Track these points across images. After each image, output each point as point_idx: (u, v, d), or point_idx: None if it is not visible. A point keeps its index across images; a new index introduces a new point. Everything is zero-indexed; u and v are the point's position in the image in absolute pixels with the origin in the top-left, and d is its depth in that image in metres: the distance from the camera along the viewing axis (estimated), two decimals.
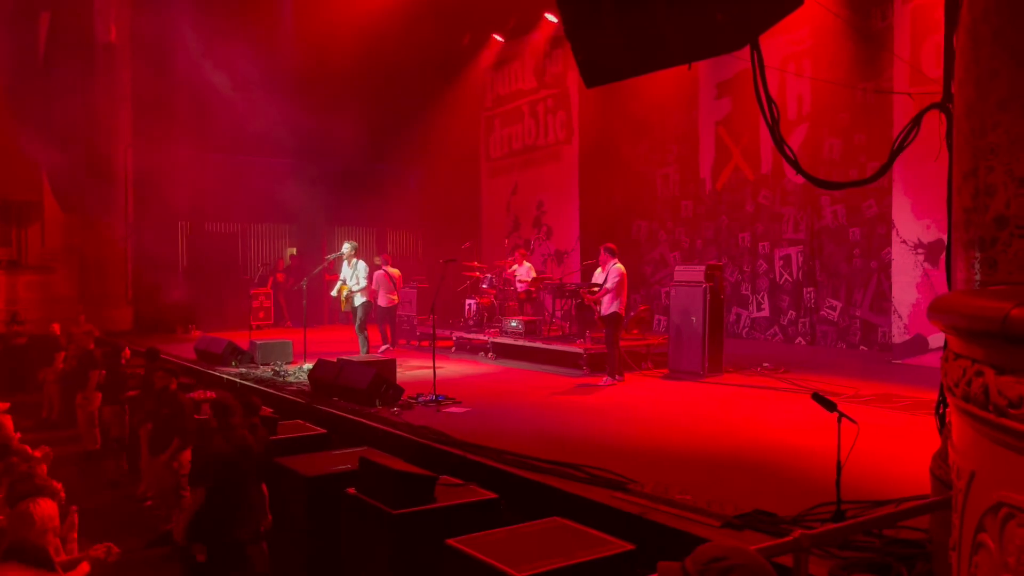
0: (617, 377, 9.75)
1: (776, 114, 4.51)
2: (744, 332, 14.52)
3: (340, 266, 12.03)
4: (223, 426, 5.44)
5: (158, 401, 7.61)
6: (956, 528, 1.79)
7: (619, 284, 9.72)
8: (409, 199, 20.30)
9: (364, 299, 11.64)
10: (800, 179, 13.00)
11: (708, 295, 10.05)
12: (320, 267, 13.34)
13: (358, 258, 11.85)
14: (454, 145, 19.71)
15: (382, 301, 12.80)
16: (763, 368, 10.51)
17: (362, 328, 11.58)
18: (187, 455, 7.44)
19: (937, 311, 1.87)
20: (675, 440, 6.71)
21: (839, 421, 4.32)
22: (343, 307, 12.00)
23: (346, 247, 11.72)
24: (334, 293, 11.98)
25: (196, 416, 8.19)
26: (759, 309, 14.32)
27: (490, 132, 20.35)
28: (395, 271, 13.22)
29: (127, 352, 10.44)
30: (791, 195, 13.74)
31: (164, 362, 9.20)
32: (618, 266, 9.85)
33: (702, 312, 10.05)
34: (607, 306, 9.80)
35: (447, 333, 13.48)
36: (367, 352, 11.36)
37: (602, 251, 10.17)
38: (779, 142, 4.54)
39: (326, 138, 17.80)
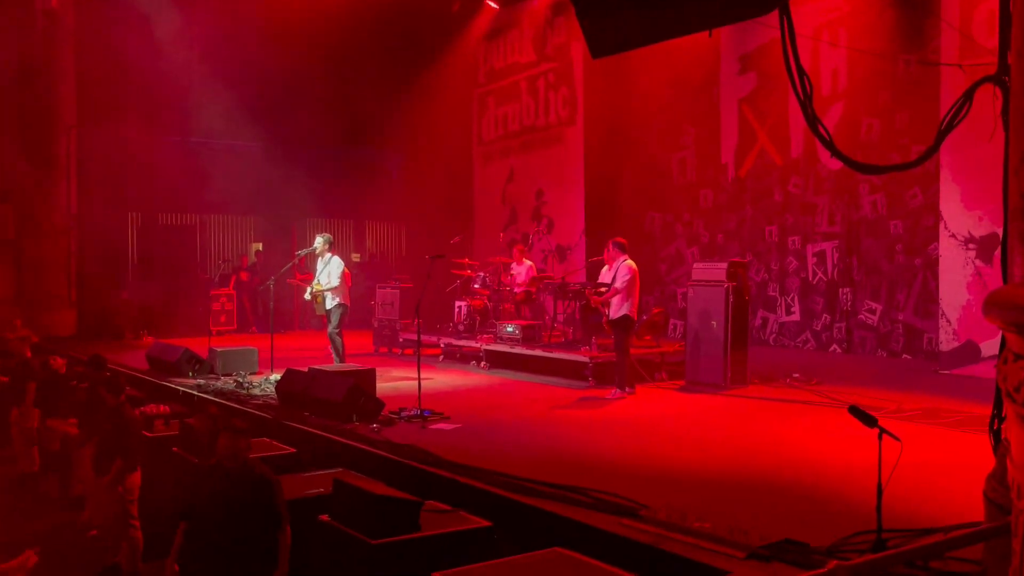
0: (627, 389, 9.75)
1: (808, 89, 4.50)
2: (771, 339, 14.52)
3: (314, 264, 12.03)
4: (229, 452, 5.26)
5: (103, 416, 7.57)
6: (1017, 555, 1.78)
7: (630, 284, 9.71)
8: (391, 188, 20.29)
9: (338, 300, 11.59)
10: (835, 164, 13.05)
11: (730, 296, 10.05)
12: (289, 265, 13.29)
13: (332, 253, 11.81)
14: (442, 127, 19.70)
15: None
16: (793, 379, 10.51)
17: (337, 333, 11.55)
18: (135, 479, 7.41)
19: (994, 306, 1.86)
20: (693, 460, 6.70)
21: (880, 438, 4.30)
22: (317, 310, 11.99)
23: (318, 241, 11.70)
24: (307, 295, 11.93)
25: (146, 433, 8.17)
26: (788, 312, 14.32)
27: (483, 112, 20.35)
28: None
29: (57, 361, 10.38)
30: (825, 182, 13.75)
31: (110, 373, 9.16)
32: (628, 263, 9.84)
33: (724, 316, 10.04)
34: (616, 309, 9.79)
35: (434, 339, 13.46)
36: (343, 361, 11.33)
37: (610, 246, 10.16)
38: (812, 121, 4.53)
39: (296, 119, 17.79)
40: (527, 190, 19.04)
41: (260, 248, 19.94)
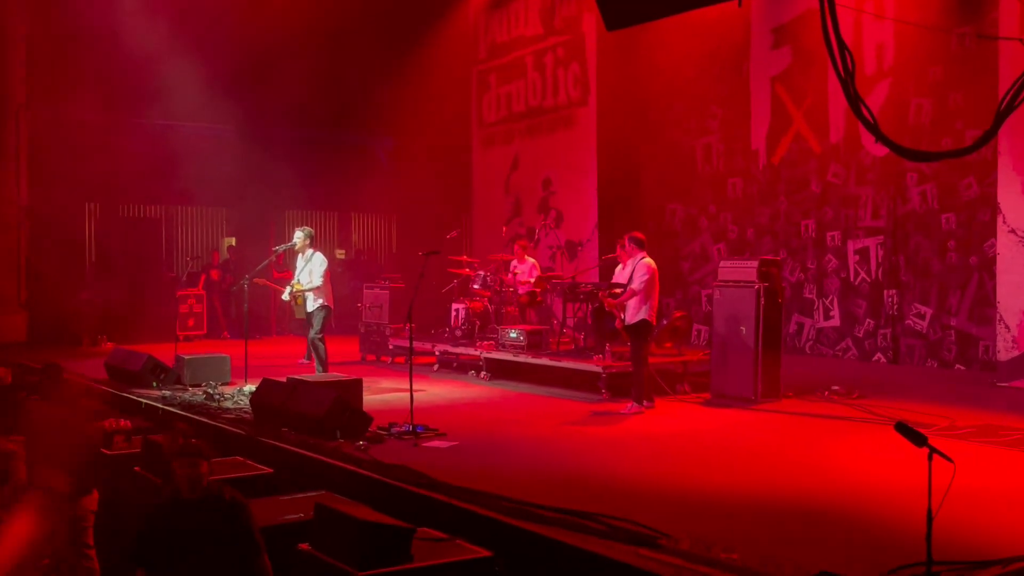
0: (645, 403, 9.74)
1: (850, 66, 4.50)
2: (808, 346, 14.51)
3: (293, 261, 12.08)
4: (187, 481, 5.14)
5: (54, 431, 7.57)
6: None
7: (648, 284, 9.71)
8: (380, 176, 20.29)
9: (321, 301, 11.60)
10: (880, 150, 13.04)
11: (762, 299, 10.04)
12: (266, 262, 13.30)
13: (314, 249, 11.82)
14: (438, 108, 19.71)
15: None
16: (832, 392, 10.49)
17: (320, 339, 11.56)
18: (91, 501, 7.40)
19: None
20: (719, 483, 6.69)
21: (930, 459, 4.30)
22: (296, 312, 12.01)
23: (298, 236, 11.71)
24: (286, 296, 11.94)
25: (105, 451, 8.18)
26: (827, 317, 14.31)
27: (484, 91, 20.35)
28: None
29: (1, 370, 10.39)
30: (868, 171, 13.73)
31: (66, 383, 9.17)
32: (647, 261, 9.84)
33: (754, 320, 10.03)
34: (633, 312, 9.79)
35: (428, 346, 13.46)
36: (326, 370, 11.34)
37: (626, 242, 10.16)
38: (854, 101, 4.53)
39: (275, 99, 17.78)
40: (533, 179, 19.04)
41: (233, 243, 19.96)
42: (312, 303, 11.60)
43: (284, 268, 19.40)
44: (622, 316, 9.98)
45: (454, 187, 20.45)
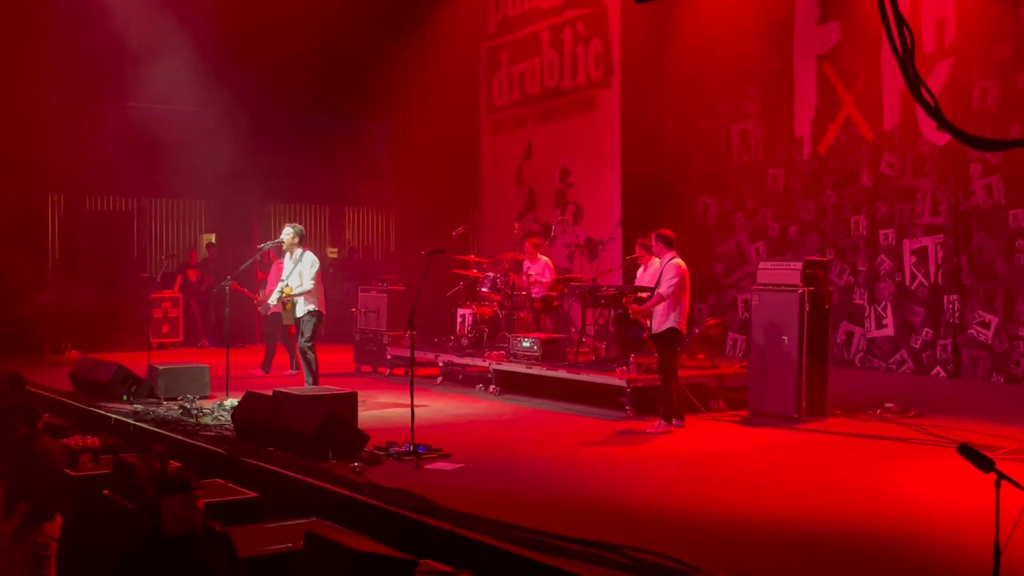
0: (675, 421, 9.73)
1: (909, 43, 4.48)
2: (858, 359, 14.46)
3: (282, 260, 12.10)
4: (180, 521, 5.07)
5: (14, 449, 7.59)
6: None
7: (678, 288, 9.69)
8: (377, 166, 20.33)
9: (312, 306, 11.59)
10: (941, 137, 12.99)
11: (806, 305, 10.00)
12: (250, 261, 13.32)
13: (304, 248, 11.82)
14: (441, 89, 19.68)
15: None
16: (885, 410, 10.44)
17: (310, 347, 11.54)
18: (53, 528, 7.42)
19: None
20: (757, 511, 6.67)
21: (997, 485, 4.27)
22: (284, 319, 12.00)
23: (287, 233, 11.71)
24: (273, 300, 11.92)
25: (69, 472, 8.19)
26: (880, 326, 14.25)
27: (494, 70, 20.35)
28: None
29: None
30: (927, 161, 13.68)
31: (26, 395, 9.21)
32: (676, 262, 9.82)
33: (797, 329, 10.00)
34: (661, 320, 9.77)
35: (431, 357, 13.46)
36: (316, 382, 11.35)
37: (653, 240, 10.14)
38: (912, 83, 4.51)
39: (260, 80, 17.81)
40: (549, 169, 19.03)
41: (213, 240, 20.00)
42: (301, 308, 11.58)
43: (268, 269, 19.47)
44: (648, 324, 9.96)
45: (460, 178, 20.45)
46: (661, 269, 9.91)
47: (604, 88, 17.70)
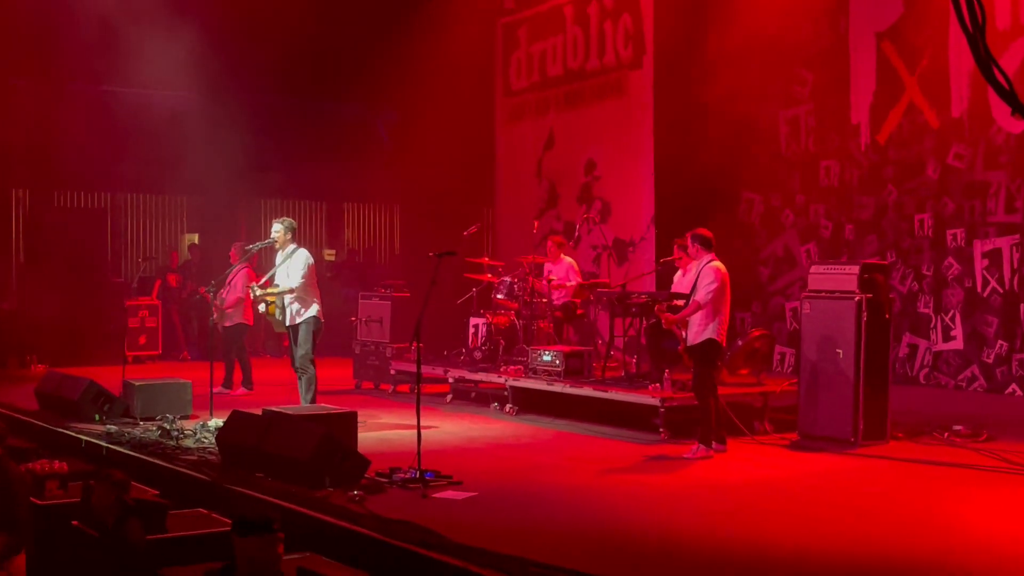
0: (715, 445, 9.71)
1: (980, 18, 4.48)
2: (922, 375, 14.40)
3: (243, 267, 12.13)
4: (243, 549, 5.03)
5: None
6: None
7: (717, 294, 9.68)
8: (380, 158, 20.39)
9: (311, 313, 11.48)
10: (1016, 125, 12.92)
11: (864, 314, 9.96)
12: (238, 265, 13.38)
13: (296, 244, 11.79)
14: (452, 71, 19.74)
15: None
16: (954, 433, 10.40)
17: (310, 361, 11.49)
18: (17, 566, 7.47)
19: None
20: (808, 547, 6.65)
21: None
22: (275, 326, 11.91)
23: (276, 229, 11.68)
24: (262, 308, 11.84)
25: (35, 500, 8.24)
26: (947, 338, 14.20)
27: (511, 50, 20.38)
28: None
29: None
30: (1001, 152, 13.64)
31: None
32: (715, 265, 9.82)
33: (853, 342, 9.96)
34: (698, 330, 9.76)
35: (439, 372, 13.47)
36: (312, 400, 11.35)
37: (689, 241, 10.14)
38: (985, 63, 4.50)
39: (250, 62, 17.88)
40: (573, 160, 19.04)
41: (196, 241, 20.11)
42: (297, 314, 11.46)
43: (258, 273, 19.52)
44: (684, 335, 9.95)
45: (473, 171, 20.50)
46: (698, 273, 9.90)
47: (635, 69, 17.70)
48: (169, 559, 6.54)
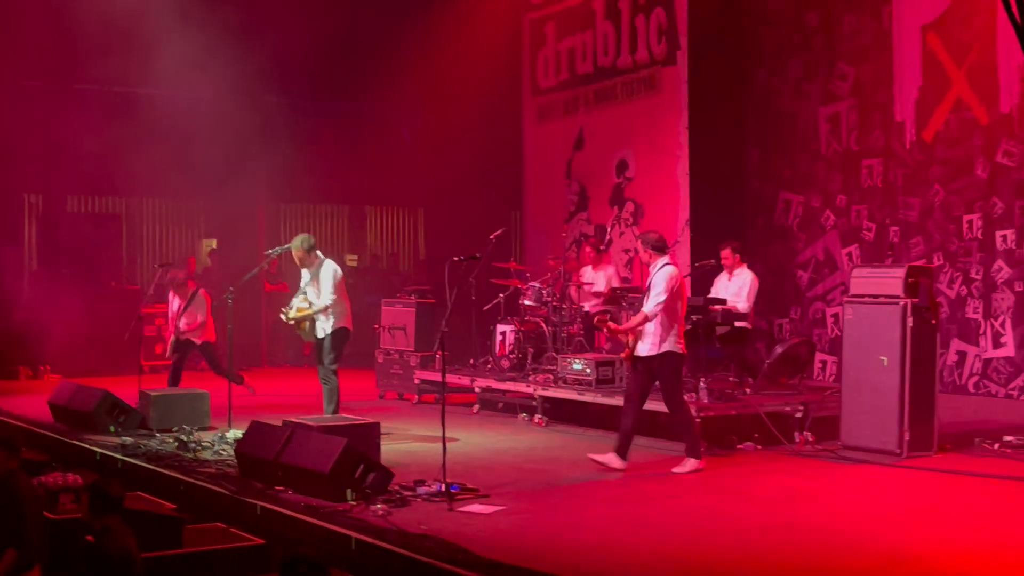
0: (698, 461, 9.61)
1: None
2: (971, 383, 14.29)
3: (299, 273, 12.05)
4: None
5: None
6: None
7: (669, 304, 9.50)
8: (403, 160, 20.42)
9: (337, 324, 11.48)
10: None
11: (909, 319, 9.94)
12: (256, 270, 13.43)
13: (321, 257, 11.82)
14: (478, 70, 19.76)
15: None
16: (1005, 444, 10.36)
17: (333, 372, 11.51)
18: None
19: None
20: (848, 565, 6.62)
21: None
22: (304, 336, 11.92)
23: (293, 245, 11.61)
24: (291, 315, 11.81)
25: (48, 515, 8.29)
26: (998, 344, 14.08)
27: (538, 46, 20.37)
28: None
29: None
30: None
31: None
32: (667, 272, 9.61)
33: (899, 348, 9.93)
34: (656, 341, 9.52)
35: (465, 381, 13.49)
36: (335, 411, 11.37)
37: (639, 244, 10.05)
38: None
39: (268, 60, 17.93)
40: (604, 161, 19.01)
41: (214, 246, 20.19)
42: (324, 326, 11.49)
43: (278, 279, 19.62)
44: (629, 341, 9.73)
45: (499, 173, 20.49)
46: (651, 279, 9.73)
47: (669, 66, 17.66)
48: (186, 575, 6.57)
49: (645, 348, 9.61)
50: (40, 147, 17.50)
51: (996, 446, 10.32)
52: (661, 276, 9.58)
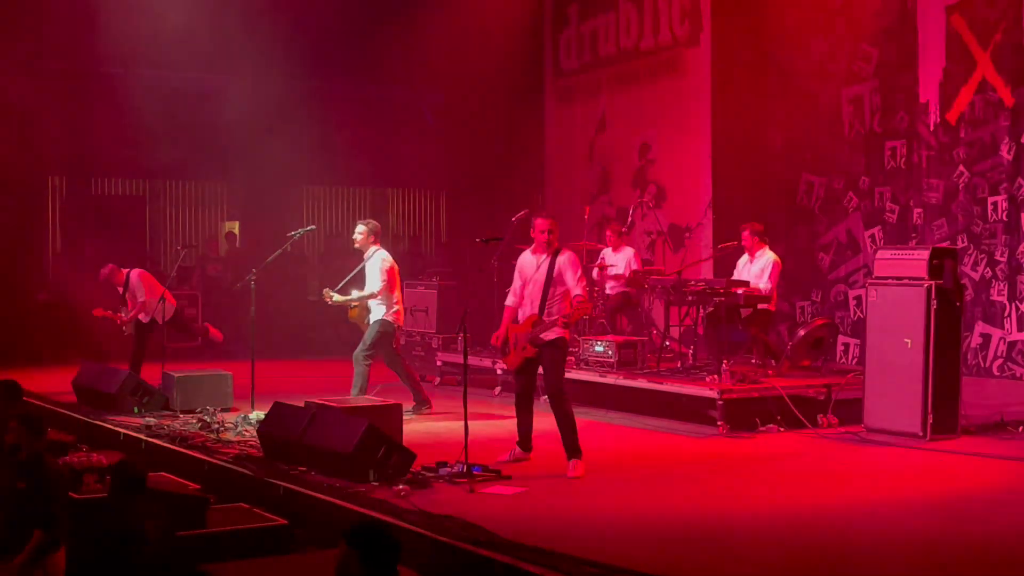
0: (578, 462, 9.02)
1: None
2: (996, 366, 14.22)
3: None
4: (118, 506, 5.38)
5: (14, 469, 7.74)
6: None
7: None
8: (425, 142, 20.40)
9: (384, 315, 11.45)
10: None
11: (934, 301, 9.91)
12: (278, 252, 13.45)
13: (376, 244, 11.83)
14: (498, 53, 19.70)
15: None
16: None
17: (368, 356, 11.48)
18: (58, 560, 7.55)
19: None
20: (877, 547, 6.61)
21: None
22: (360, 325, 11.89)
23: (359, 230, 11.72)
24: (336, 299, 11.75)
25: (73, 495, 8.33)
26: (1022, 327, 14.02)
27: (561, 28, 20.32)
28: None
29: None
30: None
31: (24, 406, 9.38)
32: (567, 256, 9.70)
33: (923, 331, 9.91)
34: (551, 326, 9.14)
35: (487, 363, 13.49)
36: (362, 393, 11.38)
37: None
38: None
39: (289, 43, 17.92)
40: (626, 143, 18.97)
41: (236, 229, 20.22)
42: (373, 313, 11.54)
43: (303, 260, 19.63)
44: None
45: (521, 155, 20.46)
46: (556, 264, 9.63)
47: (692, 47, 17.61)
48: (210, 555, 6.60)
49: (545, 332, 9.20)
50: (64, 130, 17.53)
51: (1020, 429, 10.28)
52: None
